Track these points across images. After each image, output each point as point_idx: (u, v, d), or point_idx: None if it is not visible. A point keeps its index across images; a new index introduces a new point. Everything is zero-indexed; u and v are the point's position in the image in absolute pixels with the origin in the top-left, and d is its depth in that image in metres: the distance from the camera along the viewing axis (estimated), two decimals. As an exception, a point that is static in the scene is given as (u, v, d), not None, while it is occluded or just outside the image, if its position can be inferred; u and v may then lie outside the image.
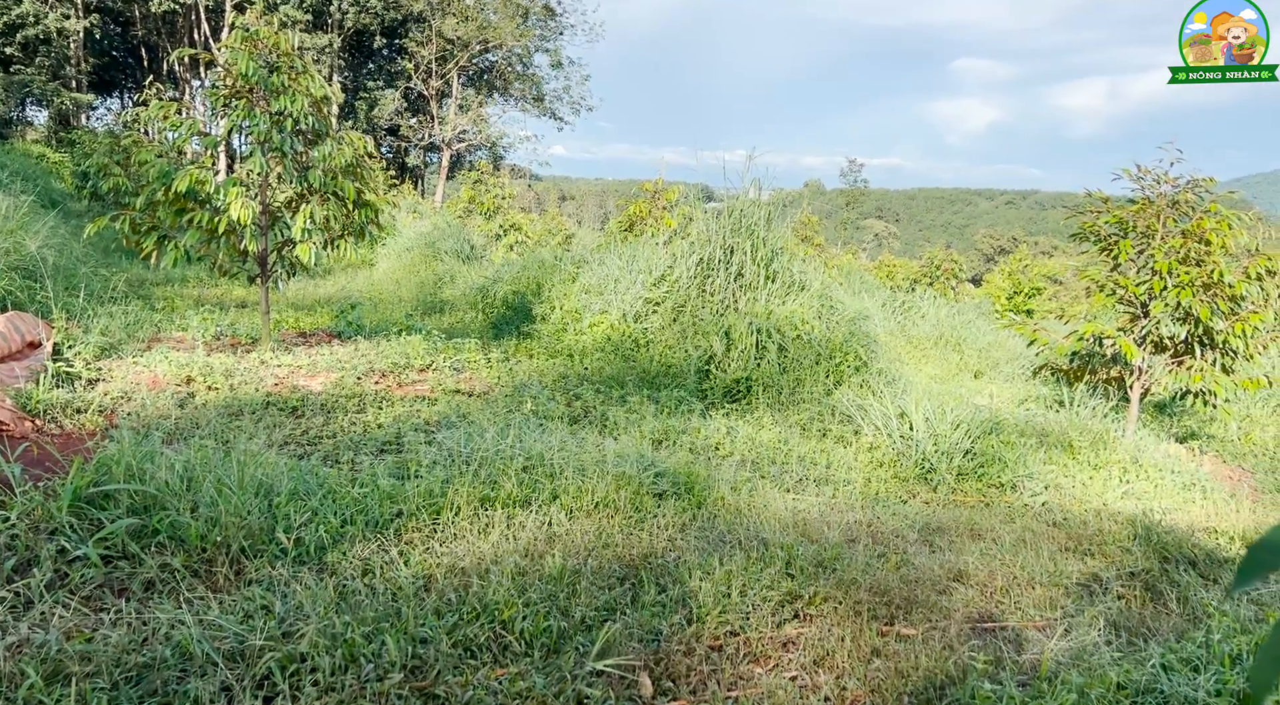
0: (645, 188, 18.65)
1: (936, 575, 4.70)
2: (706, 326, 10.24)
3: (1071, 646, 3.64)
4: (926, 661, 3.50)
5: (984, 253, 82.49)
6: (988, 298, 30.51)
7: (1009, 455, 7.46)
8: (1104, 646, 3.66)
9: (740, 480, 6.05)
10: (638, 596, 3.78)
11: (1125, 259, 9.17)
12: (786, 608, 3.96)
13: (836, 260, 29.35)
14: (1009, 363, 15.45)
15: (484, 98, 39.66)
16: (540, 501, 4.64)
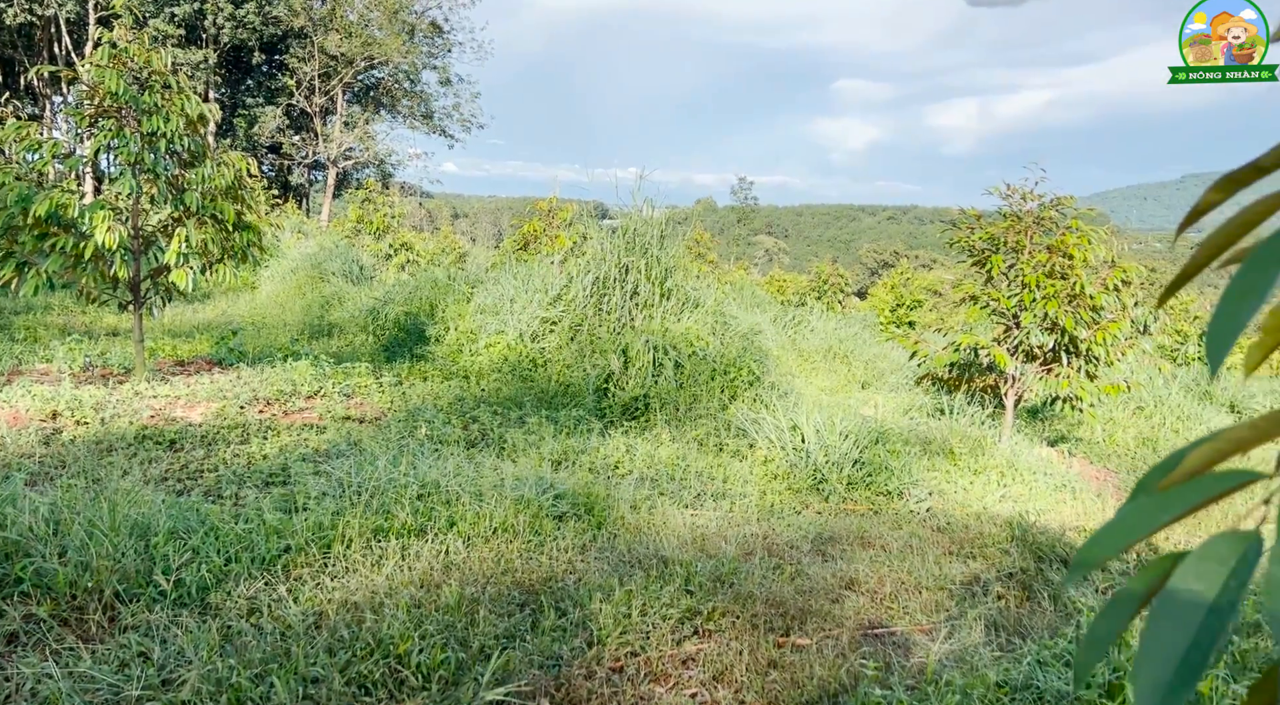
0: (540, 206, 18.63)
1: (829, 584, 4.85)
2: (604, 345, 10.29)
3: (955, 648, 3.81)
4: (821, 671, 3.60)
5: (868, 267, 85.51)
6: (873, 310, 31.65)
7: (895, 464, 7.75)
8: (984, 647, 3.84)
9: (640, 498, 6.10)
10: (538, 622, 3.76)
11: (997, 273, 9.69)
12: (686, 625, 4.01)
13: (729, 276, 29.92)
14: (894, 373, 16.05)
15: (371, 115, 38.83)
16: (436, 530, 4.57)
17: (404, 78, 39.59)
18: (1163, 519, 0.87)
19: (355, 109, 38.94)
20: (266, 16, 33.10)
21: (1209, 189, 1.09)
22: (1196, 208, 1.12)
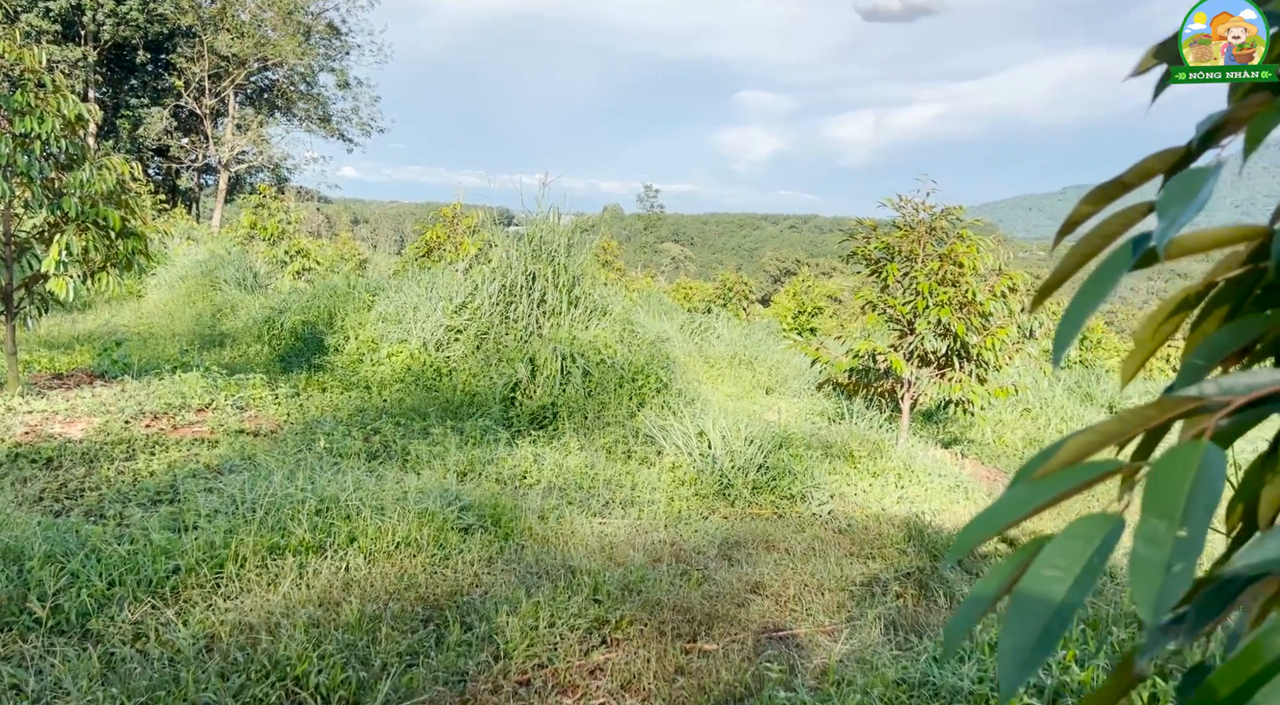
0: (444, 212, 18.34)
1: (735, 589, 4.91)
2: (511, 353, 10.19)
3: (855, 648, 3.91)
4: (727, 675, 3.64)
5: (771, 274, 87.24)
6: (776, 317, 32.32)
7: (798, 467, 7.92)
8: (884, 646, 3.96)
9: (548, 508, 6.05)
10: (443, 637, 3.68)
11: (893, 281, 10.03)
12: (594, 634, 4.00)
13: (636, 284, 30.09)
14: (796, 378, 16.40)
15: (265, 117, 37.49)
16: (336, 546, 4.43)
17: (300, 80, 38.37)
18: (1036, 503, 0.92)
19: (248, 111, 37.52)
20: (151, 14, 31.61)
21: (1080, 201, 1.16)
22: (1071, 219, 1.19)
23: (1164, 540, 0.74)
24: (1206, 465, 0.76)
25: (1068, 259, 1.09)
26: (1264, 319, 1.01)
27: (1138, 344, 1.14)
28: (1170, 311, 1.08)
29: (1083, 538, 0.77)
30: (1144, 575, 0.72)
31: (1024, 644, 0.75)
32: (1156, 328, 1.10)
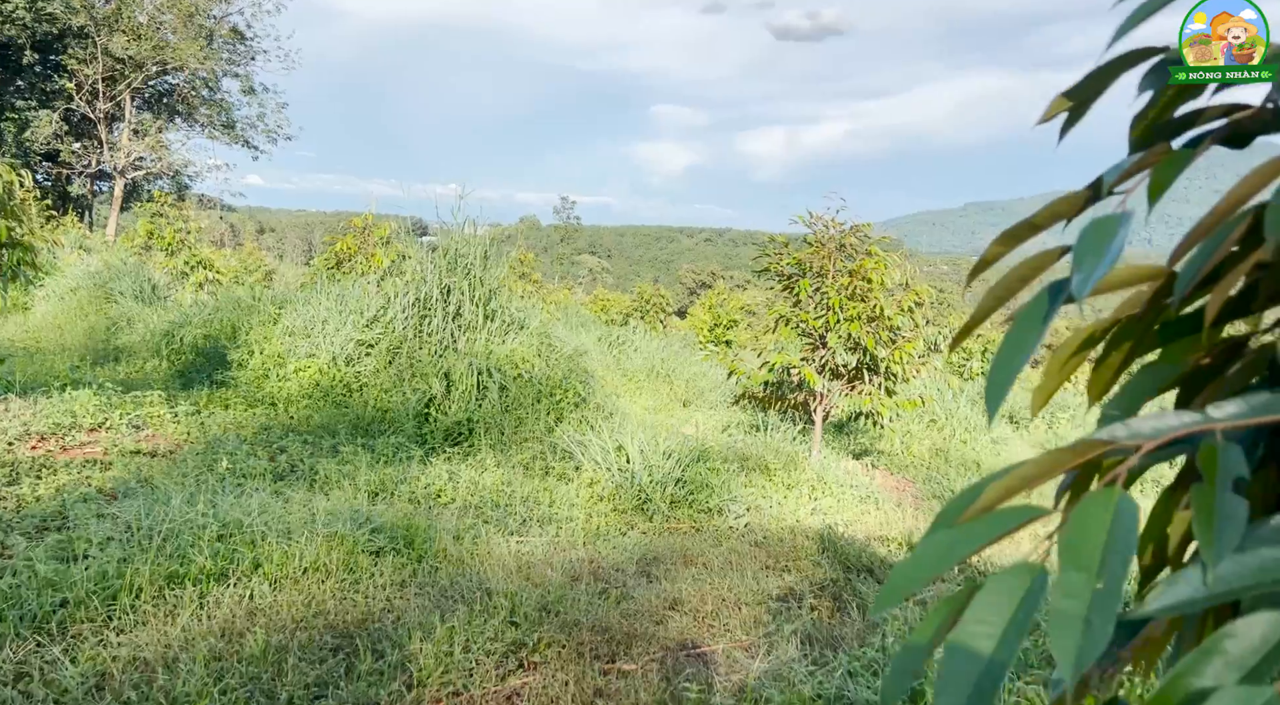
0: (355, 223, 17.91)
1: (654, 606, 4.90)
2: (425, 368, 9.99)
3: (771, 666, 3.94)
4: (645, 696, 3.62)
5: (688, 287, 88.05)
6: (692, 330, 32.59)
7: (715, 481, 7.97)
8: (799, 662, 4.00)
9: (463, 528, 5.94)
10: (353, 667, 3.56)
11: (804, 296, 10.22)
12: (511, 658, 3.93)
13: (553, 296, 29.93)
14: (713, 391, 16.56)
15: (164, 123, 35.98)
16: (239, 573, 4.25)
17: (202, 85, 36.97)
18: (960, 554, 0.93)
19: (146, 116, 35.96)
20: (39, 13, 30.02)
21: (993, 242, 1.19)
22: (983, 260, 1.22)
23: (1083, 594, 0.75)
24: (1120, 515, 0.77)
25: (986, 301, 1.11)
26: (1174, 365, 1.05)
27: (1046, 377, 1.17)
28: (1075, 348, 1.11)
29: (1008, 592, 0.78)
30: (1064, 630, 0.73)
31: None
32: (1064, 363, 1.13)
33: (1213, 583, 0.74)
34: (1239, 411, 0.87)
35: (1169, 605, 0.76)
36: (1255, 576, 0.75)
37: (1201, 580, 0.75)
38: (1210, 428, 0.85)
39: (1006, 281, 1.09)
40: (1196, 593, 0.75)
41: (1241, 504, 0.78)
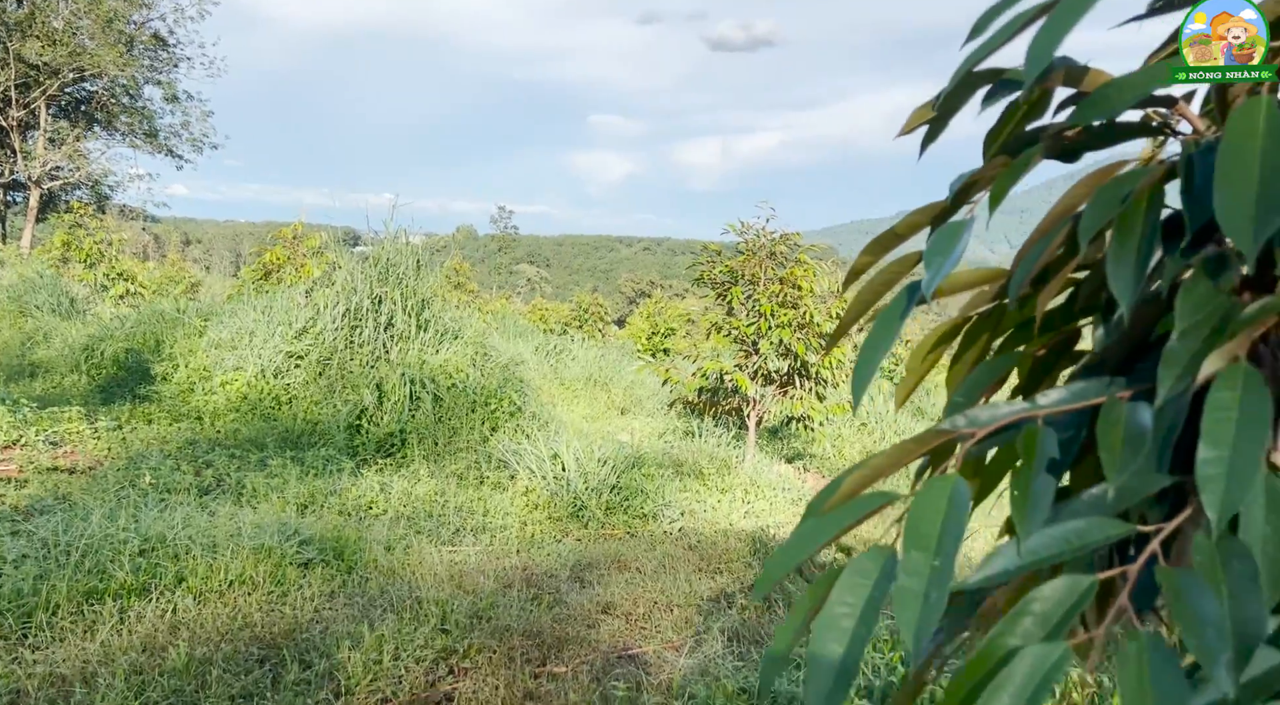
0: (284, 233, 17.61)
1: (586, 610, 4.95)
2: (356, 379, 9.89)
3: (699, 662, 4.03)
4: (575, 696, 3.67)
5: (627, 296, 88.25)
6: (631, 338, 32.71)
7: (650, 487, 8.06)
8: (725, 658, 4.09)
9: (395, 539, 5.91)
10: (279, 677, 3.54)
11: (737, 303, 10.40)
12: (441, 665, 3.95)
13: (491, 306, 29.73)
14: (650, 399, 16.67)
15: (82, 131, 34.75)
16: (162, 588, 4.18)
17: (122, 92, 35.79)
18: (825, 538, 1.02)
19: (63, 124, 34.71)
20: (-56, 15, 28.80)
21: (862, 252, 1.29)
22: (854, 269, 1.32)
23: (922, 571, 0.84)
24: (954, 499, 0.87)
25: (853, 305, 1.21)
26: (1010, 358, 1.16)
27: (908, 372, 1.28)
28: (934, 343, 1.22)
29: (864, 574, 0.87)
30: (906, 604, 0.82)
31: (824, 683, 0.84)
32: (923, 357, 1.24)
33: (1024, 554, 0.84)
34: (1061, 398, 0.98)
35: (989, 576, 0.86)
36: (1060, 547, 0.85)
37: (1016, 552, 0.85)
38: (1034, 414, 0.96)
39: (871, 286, 1.19)
40: (1010, 564, 0.85)
41: (1051, 483, 0.88)
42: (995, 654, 0.81)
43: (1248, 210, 0.83)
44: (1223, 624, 0.74)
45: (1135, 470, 0.87)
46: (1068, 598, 0.81)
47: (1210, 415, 0.82)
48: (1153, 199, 0.96)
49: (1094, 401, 0.95)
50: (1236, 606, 0.76)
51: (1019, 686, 0.76)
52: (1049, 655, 0.77)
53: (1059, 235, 1.03)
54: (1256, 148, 0.87)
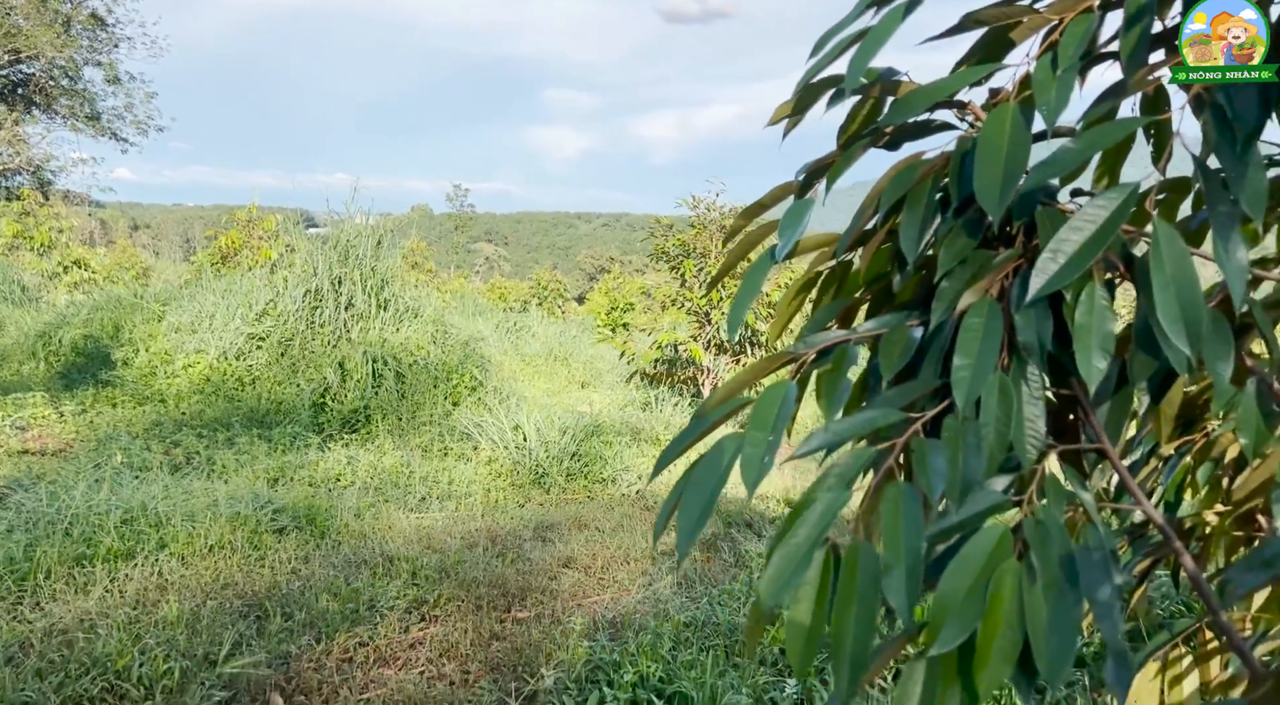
0: (238, 216, 17.58)
1: (548, 564, 5.31)
2: (319, 359, 10.09)
3: (650, 597, 4.41)
4: (538, 636, 4.03)
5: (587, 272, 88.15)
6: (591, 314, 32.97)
7: (609, 453, 8.42)
8: (676, 597, 4.48)
9: (364, 506, 6.20)
10: (264, 627, 3.85)
11: (690, 276, 10.77)
12: (413, 613, 4.28)
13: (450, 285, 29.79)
14: (610, 372, 17.00)
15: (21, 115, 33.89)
16: (146, 553, 4.45)
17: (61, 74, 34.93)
18: (700, 431, 1.37)
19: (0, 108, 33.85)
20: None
21: (736, 218, 1.64)
22: (730, 230, 1.67)
23: (760, 442, 1.19)
24: (786, 396, 1.22)
25: (727, 259, 1.55)
26: (842, 301, 1.51)
27: (779, 314, 1.63)
28: (797, 291, 1.57)
29: (720, 449, 1.22)
30: (747, 463, 1.16)
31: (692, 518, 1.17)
32: (788, 303, 1.58)
33: (829, 435, 1.19)
34: (869, 327, 1.34)
35: (809, 449, 1.21)
36: (855, 429, 1.20)
37: (824, 433, 1.20)
38: (848, 338, 1.31)
39: (741, 245, 1.54)
40: (823, 440, 1.20)
41: (848, 384, 1.23)
42: (806, 500, 1.16)
43: (995, 184, 1.18)
44: (947, 473, 1.10)
45: (919, 376, 1.23)
46: (856, 463, 1.17)
47: (963, 334, 1.18)
48: (933, 180, 1.31)
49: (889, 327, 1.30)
50: (966, 461, 1.12)
51: (814, 518, 1.11)
52: (836, 499, 1.12)
53: (871, 209, 1.38)
54: (1004, 142, 1.23)
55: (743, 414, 1.34)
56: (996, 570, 1.04)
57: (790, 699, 3.51)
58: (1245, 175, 1.10)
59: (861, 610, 1.05)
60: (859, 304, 1.53)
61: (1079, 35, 1.27)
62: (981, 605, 1.02)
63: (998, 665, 0.99)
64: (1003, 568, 1.04)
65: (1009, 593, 1.02)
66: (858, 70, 1.35)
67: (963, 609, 1.03)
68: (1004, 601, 1.01)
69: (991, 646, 1.00)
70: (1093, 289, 1.18)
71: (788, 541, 1.12)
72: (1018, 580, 1.02)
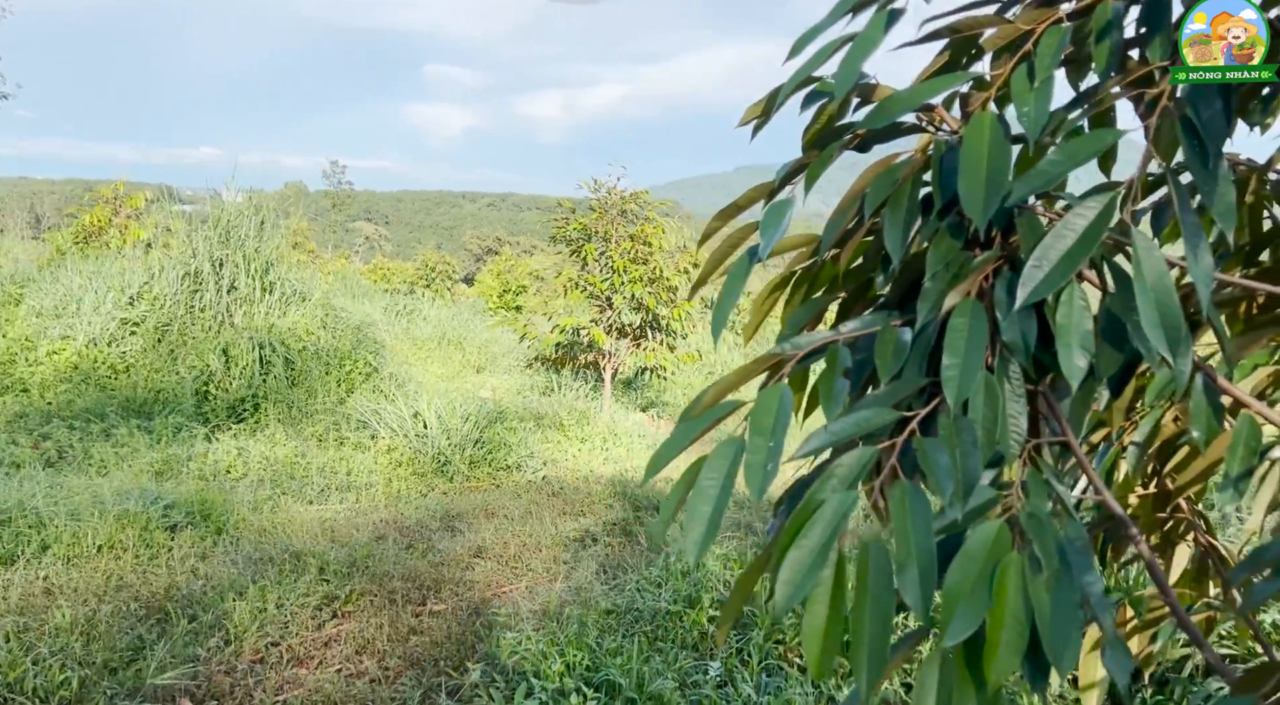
0: (103, 193, 16.44)
1: (459, 555, 5.23)
2: (201, 345, 9.58)
3: (572, 588, 4.41)
4: (457, 628, 3.97)
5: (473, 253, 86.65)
6: (481, 297, 32.47)
7: (513, 440, 8.34)
8: (597, 584, 4.49)
9: (261, 499, 5.95)
10: (167, 630, 3.65)
11: (591, 260, 10.73)
12: (325, 610, 4.14)
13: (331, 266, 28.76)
14: (506, 356, 16.81)
15: None
16: (28, 556, 4.14)
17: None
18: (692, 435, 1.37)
19: None
20: None
21: (712, 218, 1.64)
22: (706, 231, 1.67)
23: (761, 449, 1.20)
24: (782, 400, 1.23)
25: (708, 263, 1.56)
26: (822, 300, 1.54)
27: (753, 314, 1.64)
28: (770, 292, 1.58)
29: (723, 456, 1.22)
30: (751, 471, 1.17)
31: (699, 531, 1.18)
32: (762, 302, 1.60)
33: (829, 434, 1.21)
34: (855, 327, 1.36)
35: (809, 450, 1.22)
36: (854, 429, 1.23)
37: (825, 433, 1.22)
38: (836, 339, 1.33)
39: (722, 248, 1.54)
40: (823, 440, 1.22)
41: (844, 384, 1.26)
42: (813, 502, 1.18)
43: (979, 193, 1.22)
44: (953, 472, 1.14)
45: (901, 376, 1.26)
46: (858, 463, 1.19)
47: (950, 334, 1.22)
48: (914, 183, 1.35)
49: (876, 328, 1.33)
50: (963, 461, 1.16)
51: (826, 520, 1.13)
52: (846, 499, 1.14)
53: (852, 210, 1.40)
54: (984, 151, 1.27)
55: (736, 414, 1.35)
56: (1000, 563, 1.08)
57: (713, 682, 3.58)
58: (1215, 189, 1.17)
59: (877, 608, 1.07)
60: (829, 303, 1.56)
61: (1053, 47, 1.32)
62: (988, 598, 1.06)
63: (1007, 656, 1.03)
64: (1005, 560, 1.08)
65: (1014, 584, 1.06)
66: (848, 77, 1.37)
67: (970, 602, 1.06)
68: (1008, 593, 1.05)
69: (1000, 637, 1.04)
70: (1073, 291, 1.23)
71: (800, 543, 1.13)
72: (1021, 572, 1.07)
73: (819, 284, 1.58)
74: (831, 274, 1.60)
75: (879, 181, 1.36)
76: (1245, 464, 1.41)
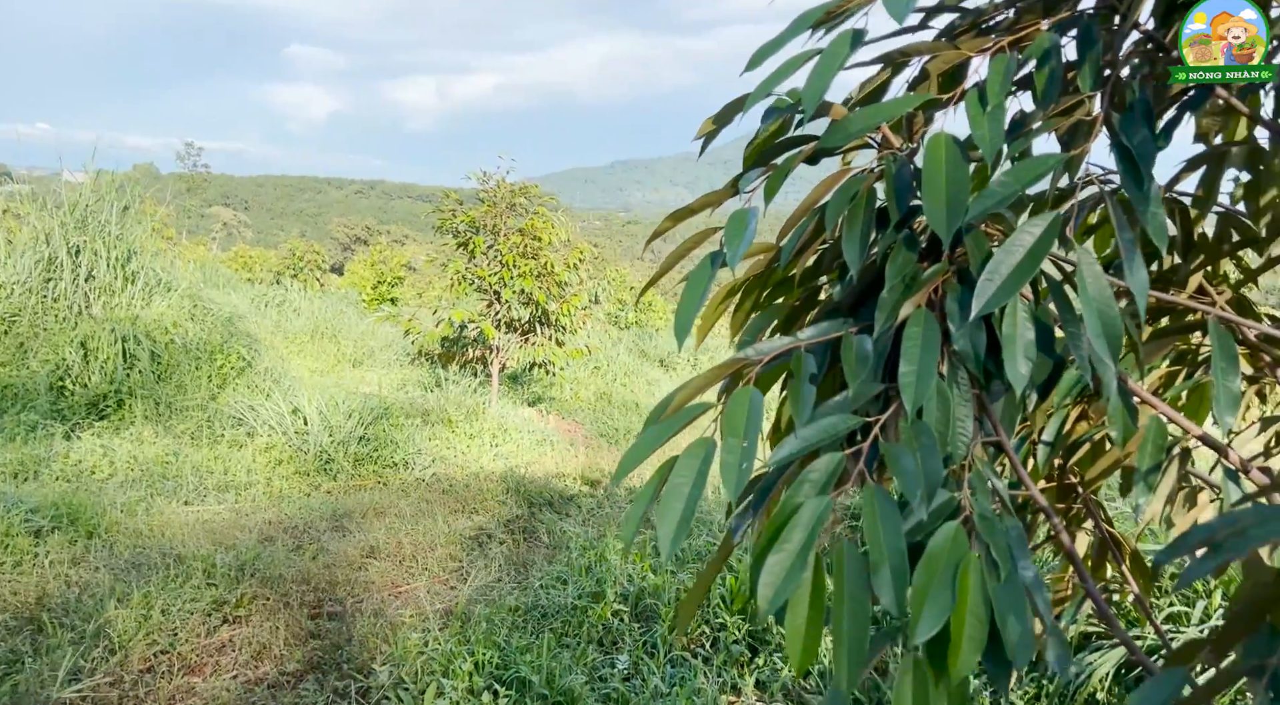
0: (-68, 167, 15.00)
1: (351, 556, 5.09)
2: (55, 338, 8.92)
3: (477, 588, 4.37)
4: (362, 630, 3.87)
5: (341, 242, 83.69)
6: (354, 288, 31.40)
7: (399, 436, 8.15)
8: (501, 583, 4.47)
9: (132, 501, 5.61)
10: (42, 642, 3.41)
11: (479, 253, 10.58)
12: (215, 615, 3.96)
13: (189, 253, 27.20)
14: (384, 350, 16.33)
15: None
16: (-128, 569, 3.77)
17: None
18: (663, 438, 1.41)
19: None
20: None
21: (666, 219, 1.68)
22: (657, 230, 1.71)
23: (735, 449, 1.24)
24: (753, 403, 1.28)
25: (665, 263, 1.59)
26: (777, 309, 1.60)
27: (704, 319, 1.69)
28: (721, 298, 1.64)
29: (694, 456, 1.26)
30: (726, 470, 1.22)
31: (671, 528, 1.21)
32: (714, 308, 1.65)
33: (800, 440, 1.27)
34: (813, 334, 1.43)
35: (779, 459, 1.28)
36: (822, 435, 1.29)
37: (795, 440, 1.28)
38: (798, 345, 1.40)
39: (679, 250, 1.59)
40: (793, 448, 1.28)
41: (811, 391, 1.32)
42: (789, 506, 1.23)
43: (942, 211, 1.30)
44: (918, 474, 1.22)
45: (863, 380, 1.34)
46: (829, 468, 1.26)
47: (906, 343, 1.30)
48: (869, 197, 1.43)
49: (835, 335, 1.41)
50: (925, 463, 1.24)
51: (805, 524, 1.19)
52: (821, 503, 1.21)
53: (810, 221, 1.47)
54: (943, 171, 1.35)
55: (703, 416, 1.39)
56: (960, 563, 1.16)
57: (621, 674, 3.64)
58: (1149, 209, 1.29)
59: (855, 607, 1.13)
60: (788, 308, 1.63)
61: (1001, 74, 1.42)
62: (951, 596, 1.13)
63: (968, 652, 1.11)
64: (965, 561, 1.17)
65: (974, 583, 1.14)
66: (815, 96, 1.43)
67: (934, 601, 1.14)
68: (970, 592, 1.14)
69: (963, 634, 1.12)
70: (1015, 304, 1.34)
71: (780, 547, 1.18)
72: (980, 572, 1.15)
73: (773, 290, 1.64)
74: (780, 279, 1.67)
75: (839, 195, 1.43)
76: (1154, 460, 1.56)
